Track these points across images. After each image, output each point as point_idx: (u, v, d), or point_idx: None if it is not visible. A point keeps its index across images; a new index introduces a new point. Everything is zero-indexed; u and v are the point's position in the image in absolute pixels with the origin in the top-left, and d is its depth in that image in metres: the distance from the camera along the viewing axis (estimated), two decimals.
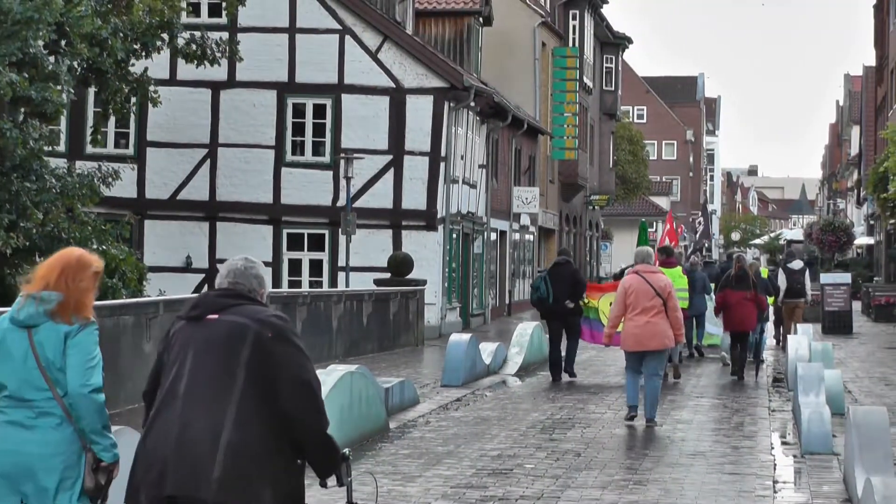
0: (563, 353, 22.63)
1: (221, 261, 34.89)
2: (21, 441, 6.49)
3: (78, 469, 6.54)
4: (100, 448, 6.57)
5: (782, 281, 28.45)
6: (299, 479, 5.93)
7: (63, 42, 25.22)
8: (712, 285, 25.78)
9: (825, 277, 37.57)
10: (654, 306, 16.13)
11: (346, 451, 6.12)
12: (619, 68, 67.68)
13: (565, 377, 22.48)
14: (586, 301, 22.75)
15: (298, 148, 34.98)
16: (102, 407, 6.52)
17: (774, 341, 30.25)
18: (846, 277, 37.91)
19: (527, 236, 50.24)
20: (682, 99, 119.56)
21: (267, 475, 5.75)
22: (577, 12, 56.94)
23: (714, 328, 26.87)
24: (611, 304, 19.22)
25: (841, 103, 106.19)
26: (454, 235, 37.00)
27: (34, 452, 6.48)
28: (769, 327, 28.82)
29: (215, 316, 5.94)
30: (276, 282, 34.24)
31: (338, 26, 34.59)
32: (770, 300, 25.50)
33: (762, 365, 24.82)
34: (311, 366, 5.93)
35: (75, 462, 6.54)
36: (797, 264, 29.17)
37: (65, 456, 6.51)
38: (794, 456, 14.17)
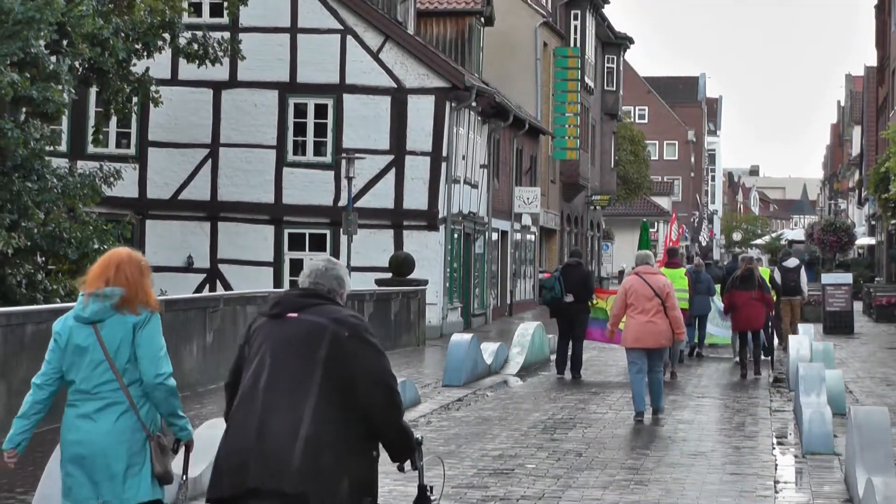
0: (570, 352, 23.05)
1: (222, 261, 34.92)
2: (89, 431, 6.91)
3: (143, 455, 6.94)
4: (177, 429, 7.07)
5: (778, 279, 28.68)
6: (374, 469, 6.31)
7: (64, 42, 25.23)
8: (717, 287, 26.15)
9: (826, 278, 37.57)
10: (654, 306, 16.84)
11: (419, 436, 6.54)
12: (621, 68, 67.67)
13: (569, 374, 22.84)
14: (595, 302, 23.23)
15: (300, 148, 34.98)
16: (175, 391, 6.97)
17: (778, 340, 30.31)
18: (847, 278, 37.91)
19: (528, 236, 50.22)
20: (684, 99, 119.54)
21: (343, 467, 6.09)
22: (579, 12, 56.94)
23: (716, 329, 26.96)
24: None
25: (842, 103, 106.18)
26: (455, 235, 36.99)
27: (100, 441, 6.89)
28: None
29: (295, 315, 6.25)
30: (278, 282, 34.24)
31: (339, 26, 34.58)
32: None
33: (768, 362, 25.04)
34: (386, 362, 6.32)
35: (140, 449, 6.93)
36: (792, 262, 29.63)
37: (129, 443, 6.91)
38: (796, 456, 14.17)
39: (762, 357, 24.12)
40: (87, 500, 6.94)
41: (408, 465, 6.52)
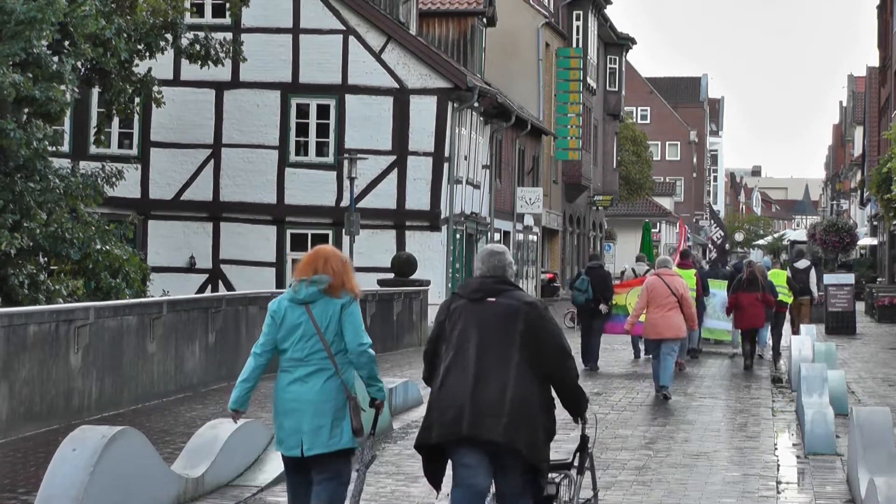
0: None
1: (225, 261, 34.92)
2: (303, 391, 8.36)
3: (344, 412, 8.37)
4: (374, 389, 8.61)
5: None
6: (555, 421, 7.92)
7: (67, 42, 25.23)
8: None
9: (828, 278, 37.55)
10: (670, 303, 19.61)
11: (588, 395, 8.21)
12: (623, 69, 67.63)
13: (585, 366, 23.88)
14: (614, 302, 24.74)
15: (302, 148, 34.99)
16: (375, 359, 8.50)
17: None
18: (849, 278, 37.88)
19: (530, 237, 50.22)
20: (686, 100, 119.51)
21: (539, 420, 7.76)
22: (581, 13, 56.93)
23: (716, 322, 27.33)
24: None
25: (844, 104, 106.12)
26: (458, 236, 37.00)
27: (312, 399, 8.34)
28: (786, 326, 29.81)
29: (493, 299, 7.92)
30: (280, 282, 34.24)
31: (341, 27, 34.59)
32: (789, 299, 27.45)
33: (780, 358, 25.84)
34: (563, 335, 8.00)
35: (342, 406, 8.37)
36: (802, 264, 30.81)
37: (335, 402, 8.37)
38: (798, 457, 14.17)
39: (761, 354, 26.16)
40: (295, 447, 8.36)
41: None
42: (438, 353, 8.03)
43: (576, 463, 8.50)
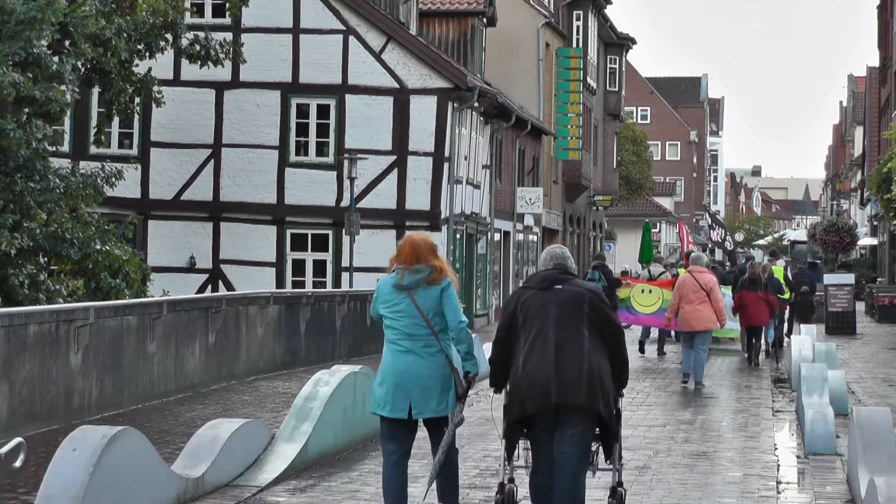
0: None
1: (225, 261, 34.90)
2: (412, 363, 9.64)
3: (450, 381, 9.68)
4: (470, 364, 9.77)
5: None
6: (615, 390, 9.14)
7: (67, 42, 25.23)
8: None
9: (828, 278, 37.58)
10: (700, 297, 21.32)
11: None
12: (623, 69, 67.57)
13: None
14: (621, 296, 26.79)
15: (302, 148, 34.97)
16: (471, 335, 9.79)
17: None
18: (849, 278, 37.90)
19: (530, 237, 50.22)
20: (686, 99, 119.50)
21: (608, 388, 8.96)
22: (581, 13, 56.89)
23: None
24: (642, 291, 26.79)
25: (844, 104, 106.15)
26: (458, 236, 36.99)
27: (422, 371, 9.62)
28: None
29: (560, 286, 9.11)
30: (280, 282, 34.23)
31: (341, 27, 34.58)
32: (788, 295, 29.21)
33: (783, 356, 26.42)
34: (617, 317, 9.36)
35: (448, 376, 9.68)
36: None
37: (442, 374, 9.66)
38: (798, 457, 14.17)
39: (771, 349, 27.53)
40: (402, 410, 9.60)
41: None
42: (511, 338, 9.12)
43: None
